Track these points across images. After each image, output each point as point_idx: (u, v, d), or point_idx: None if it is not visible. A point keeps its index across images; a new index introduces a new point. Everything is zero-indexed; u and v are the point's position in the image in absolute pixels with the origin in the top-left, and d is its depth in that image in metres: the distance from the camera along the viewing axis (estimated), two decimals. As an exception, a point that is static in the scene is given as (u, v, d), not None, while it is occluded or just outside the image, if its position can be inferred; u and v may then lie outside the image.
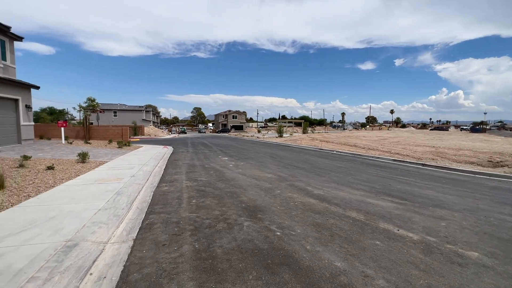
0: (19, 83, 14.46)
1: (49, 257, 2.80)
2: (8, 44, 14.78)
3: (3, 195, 4.99)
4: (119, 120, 53.83)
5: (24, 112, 14.81)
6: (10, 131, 13.86)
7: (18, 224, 3.69)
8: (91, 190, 5.74)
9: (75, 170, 8.02)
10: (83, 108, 24.12)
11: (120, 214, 4.36)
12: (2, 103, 13.29)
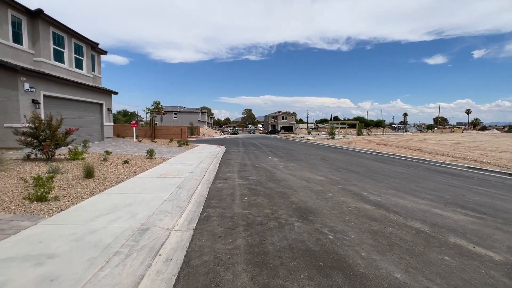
0: (104, 90, 17.19)
1: (128, 236, 3.30)
2: (96, 57, 17.71)
3: (93, 183, 6.04)
4: (178, 121, 59.15)
5: (107, 114, 17.53)
6: (96, 130, 16.58)
7: (106, 207, 4.44)
8: (157, 183, 6.50)
9: (144, 165, 9.16)
10: (150, 111, 27.31)
11: (182, 206, 4.84)
12: (91, 106, 15.99)
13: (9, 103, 10.30)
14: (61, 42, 13.68)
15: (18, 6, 11.10)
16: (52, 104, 12.23)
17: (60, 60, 13.56)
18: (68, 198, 4.85)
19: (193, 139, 30.63)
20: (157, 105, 26.82)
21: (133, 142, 18.12)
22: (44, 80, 11.73)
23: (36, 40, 12.13)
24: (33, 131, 7.89)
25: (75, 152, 8.79)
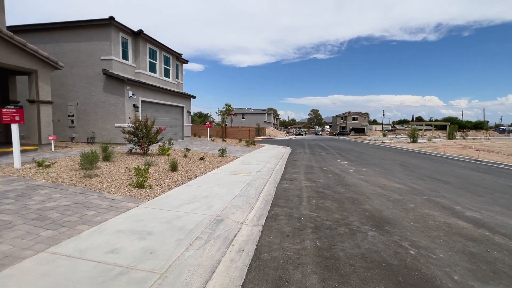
0: (185, 94, 19.55)
1: (206, 225, 3.69)
2: (180, 66, 20.28)
3: (177, 176, 6.97)
4: (246, 122, 62.17)
5: (186, 116, 19.87)
6: (178, 130, 19.00)
7: (187, 197, 5.06)
8: (228, 179, 7.01)
9: (217, 162, 10.01)
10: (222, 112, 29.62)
11: (251, 202, 5.10)
12: (175, 109, 18.41)
13: (118, 108, 12.85)
14: (155, 55, 16.25)
15: (126, 29, 13.72)
16: (147, 107, 14.65)
17: (153, 71, 16.12)
18: (159, 187, 5.74)
19: (259, 140, 31.72)
20: (228, 107, 28.88)
21: (207, 141, 20.00)
22: (142, 88, 14.16)
23: (137, 55, 14.75)
24: (134, 130, 9.63)
25: (163, 149, 10.31)
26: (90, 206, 4.20)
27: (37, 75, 9.21)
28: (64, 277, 2.31)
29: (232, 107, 30.39)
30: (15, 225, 3.30)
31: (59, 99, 12.76)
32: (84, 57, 12.91)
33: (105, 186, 5.30)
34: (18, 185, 4.83)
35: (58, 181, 5.30)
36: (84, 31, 12.85)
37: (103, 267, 2.49)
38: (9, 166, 6.10)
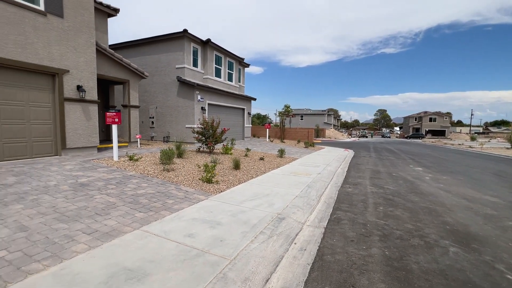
0: (246, 97, 20.46)
1: (269, 222, 3.85)
2: (242, 70, 21.33)
3: (240, 174, 7.40)
4: (305, 123, 61.06)
5: (247, 117, 20.76)
6: (239, 130, 20.01)
7: (250, 194, 5.35)
8: (288, 180, 7.08)
9: (276, 162, 10.19)
10: (280, 114, 29.85)
11: (312, 204, 5.06)
12: (236, 111, 19.45)
13: (188, 110, 14.36)
14: (220, 61, 17.54)
15: (197, 39, 15.23)
16: (212, 110, 15.93)
17: (218, 76, 17.42)
18: (224, 183, 6.21)
19: (319, 141, 30.75)
20: (286, 108, 28.96)
21: (266, 142, 20.48)
22: (209, 92, 15.47)
23: (205, 62, 16.19)
24: (202, 130, 10.61)
25: (226, 148, 11.06)
26: (169, 195, 4.86)
27: (129, 84, 11.05)
28: (154, 251, 2.77)
29: (291, 108, 30.34)
30: (118, 206, 4.08)
31: (142, 104, 15.00)
32: (162, 67, 14.87)
33: (180, 179, 6.03)
34: (117, 174, 5.93)
35: (145, 173, 6.28)
36: (163, 44, 14.80)
37: (183, 248, 2.88)
38: (110, 159, 7.51)
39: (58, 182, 4.97)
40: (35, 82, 7.11)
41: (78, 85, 7.95)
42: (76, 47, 7.90)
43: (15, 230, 3.06)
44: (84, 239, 2.97)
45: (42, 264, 2.45)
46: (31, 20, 6.81)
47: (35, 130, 7.19)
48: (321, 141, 32.88)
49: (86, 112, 8.27)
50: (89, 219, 3.51)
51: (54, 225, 3.27)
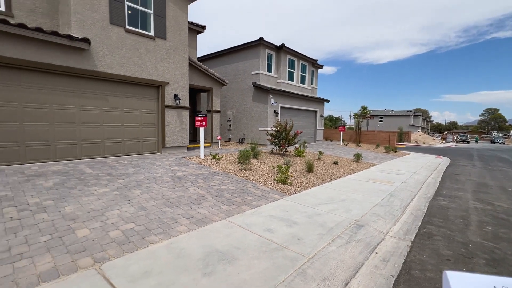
0: (318, 99, 19.99)
1: (346, 227, 3.75)
2: (315, 72, 20.95)
3: (313, 177, 7.36)
4: (384, 125, 54.98)
5: (319, 119, 20.24)
6: (310, 133, 19.70)
7: (324, 198, 5.29)
8: (366, 186, 6.62)
9: (352, 167, 9.63)
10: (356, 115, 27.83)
11: (395, 214, 4.62)
12: (308, 113, 19.22)
13: (262, 114, 15.07)
14: (293, 65, 17.73)
15: (271, 45, 15.85)
16: (284, 112, 16.23)
17: (291, 79, 17.64)
18: (298, 185, 6.31)
19: (402, 146, 27.24)
20: (363, 110, 26.83)
21: (340, 145, 19.48)
22: (281, 95, 15.85)
23: (278, 66, 16.67)
24: (276, 133, 10.99)
25: (298, 151, 11.11)
26: (248, 192, 5.29)
27: (213, 91, 12.43)
28: (239, 240, 3.12)
29: (368, 109, 27.94)
30: (207, 198, 4.73)
31: (222, 108, 16.55)
32: (240, 74, 16.09)
33: (256, 178, 6.46)
34: (204, 171, 6.81)
35: (226, 171, 6.99)
36: (241, 53, 16.01)
37: (263, 241, 3.14)
38: (197, 157, 8.66)
39: (161, 175, 6.09)
40: (145, 93, 8.87)
41: (175, 94, 9.47)
42: (174, 63, 9.44)
43: (138, 209, 3.96)
44: (184, 222, 3.60)
45: (158, 237, 3.12)
46: (144, 44, 8.54)
47: (145, 132, 8.95)
48: (405, 146, 28.99)
49: (180, 117, 9.77)
50: (187, 207, 4.20)
51: (162, 208, 4.06)
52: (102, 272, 2.36)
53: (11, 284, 2.14)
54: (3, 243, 2.73)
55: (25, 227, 3.10)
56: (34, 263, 2.43)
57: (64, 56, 6.79)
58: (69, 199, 4.11)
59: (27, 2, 7.25)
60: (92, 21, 7.27)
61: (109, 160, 7.45)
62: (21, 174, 5.36)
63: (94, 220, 3.43)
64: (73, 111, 7.21)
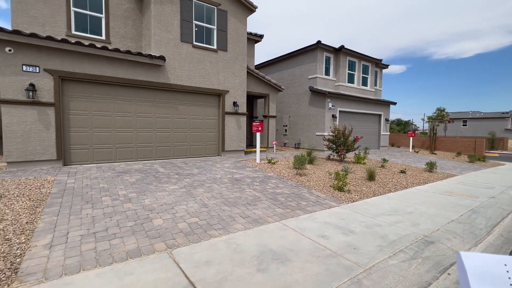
0: (383, 101, 18.38)
1: (411, 241, 3.40)
2: (378, 72, 19.38)
3: (374, 185, 6.83)
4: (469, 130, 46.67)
5: (384, 124, 18.56)
6: (373, 138, 18.21)
7: (387, 208, 4.88)
8: (439, 200, 5.81)
9: (423, 177, 8.54)
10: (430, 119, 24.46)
11: (478, 234, 3.95)
12: (371, 117, 17.84)
13: (319, 118, 14.69)
14: (353, 66, 16.81)
15: (329, 48, 15.40)
16: (343, 117, 15.46)
17: (351, 81, 16.73)
18: (357, 193, 5.96)
19: (495, 155, 22.65)
20: (440, 112, 23.43)
21: (409, 152, 17.43)
22: (340, 99, 15.18)
23: (337, 69, 16.04)
24: (333, 138, 10.58)
25: (358, 157, 10.44)
26: (302, 197, 5.27)
27: (269, 97, 12.77)
28: (293, 243, 3.17)
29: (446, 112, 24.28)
30: (262, 200, 4.91)
31: (278, 113, 16.78)
32: (296, 79, 16.09)
33: (311, 184, 6.37)
34: (260, 174, 7.06)
35: (281, 175, 7.09)
36: (297, 58, 16.02)
37: (317, 246, 3.11)
38: (253, 161, 9.01)
39: (221, 176, 6.58)
40: (208, 101, 9.73)
41: (234, 102, 10.10)
42: (234, 72, 10.11)
43: (201, 205, 4.40)
44: (241, 221, 3.84)
45: (217, 232, 3.42)
46: (208, 57, 9.41)
47: (207, 136, 9.79)
48: (498, 154, 24.02)
49: (238, 122, 10.35)
50: (243, 207, 4.46)
51: (222, 206, 4.41)
52: (172, 256, 2.74)
53: (108, 256, 2.69)
54: (102, 224, 3.42)
55: (117, 213, 3.81)
56: (124, 242, 2.99)
57: (145, 72, 8.04)
58: (147, 193, 4.85)
59: (120, 31, 8.86)
60: (166, 41, 8.43)
61: (178, 161, 8.41)
62: (113, 170, 6.54)
63: (166, 212, 3.97)
64: (150, 119, 8.43)
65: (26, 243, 2.83)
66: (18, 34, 6.10)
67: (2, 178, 5.14)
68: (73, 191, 4.70)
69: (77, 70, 7.00)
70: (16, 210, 3.63)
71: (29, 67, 6.43)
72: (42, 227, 3.24)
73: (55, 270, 2.39)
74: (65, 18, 7.85)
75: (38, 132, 6.55)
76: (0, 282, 2.18)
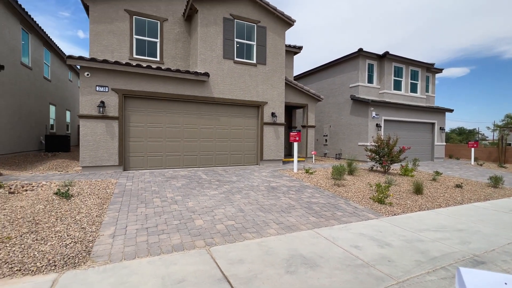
0: (436, 108, 16.79)
1: (457, 259, 3.14)
2: (431, 78, 17.86)
3: (421, 199, 6.33)
4: (553, 140, 39.08)
5: (438, 133, 16.86)
6: (425, 149, 16.64)
7: (432, 224, 4.52)
8: (501, 218, 5.13)
9: (484, 193, 7.58)
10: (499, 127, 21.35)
11: (546, 258, 3.43)
12: (422, 126, 16.40)
13: (361, 128, 14.09)
14: (400, 73, 15.83)
15: (372, 55, 14.84)
16: (389, 126, 14.55)
17: (397, 88, 15.74)
18: (399, 206, 5.62)
19: None
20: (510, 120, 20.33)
21: (470, 165, 15.45)
22: (385, 107, 14.36)
23: (381, 76, 15.28)
24: (376, 148, 10.07)
25: (405, 169, 9.71)
26: (338, 208, 5.20)
27: (307, 107, 12.79)
28: (323, 250, 3.22)
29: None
30: (296, 208, 5.01)
31: (317, 123, 16.56)
32: (336, 88, 15.79)
33: (349, 195, 6.21)
34: (296, 183, 7.13)
35: (318, 185, 7.05)
36: (337, 67, 15.76)
37: (348, 255, 3.11)
38: (291, 170, 9.09)
39: (258, 184, 6.84)
40: (247, 112, 10.21)
41: (272, 112, 10.41)
42: (272, 84, 10.47)
43: (237, 210, 4.69)
44: (274, 227, 4.01)
45: (251, 235, 3.65)
46: (248, 71, 9.97)
47: (246, 146, 10.22)
48: None
49: (276, 133, 10.59)
50: (277, 214, 4.62)
51: (257, 212, 4.64)
52: (210, 253, 3.04)
53: (157, 248, 3.12)
54: (153, 221, 3.94)
55: (165, 213, 4.32)
56: (170, 237, 3.41)
57: (192, 87, 8.89)
58: (191, 196, 5.35)
59: (171, 52, 10.00)
60: (211, 59, 9.23)
61: (218, 169, 8.96)
62: (163, 176, 7.31)
63: (206, 215, 4.35)
64: (195, 129, 9.21)
65: (96, 232, 3.44)
66: (94, 61, 7.41)
67: (78, 180, 6.20)
68: (130, 192, 5.44)
69: (136, 88, 8.12)
70: (88, 206, 4.40)
71: (101, 87, 7.70)
72: (107, 220, 3.88)
73: (117, 255, 2.89)
74: (129, 45, 9.22)
75: (105, 142, 7.72)
76: (79, 260, 2.73)
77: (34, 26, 11.43)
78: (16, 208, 3.97)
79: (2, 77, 9.29)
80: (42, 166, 8.34)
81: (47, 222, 3.58)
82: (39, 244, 2.98)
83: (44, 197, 4.56)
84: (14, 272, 2.45)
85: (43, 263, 2.61)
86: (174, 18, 10.00)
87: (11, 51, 9.87)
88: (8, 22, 9.72)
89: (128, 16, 9.19)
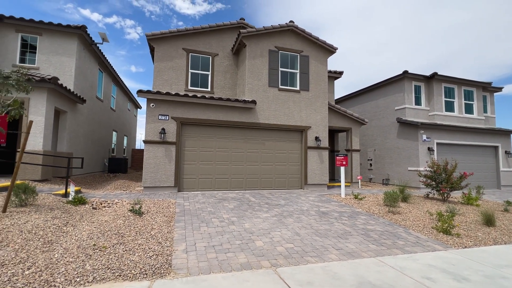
0: (498, 130, 15.14)
1: (557, 303, 2.77)
2: (489, 97, 16.40)
3: (495, 232, 5.67)
4: None
5: (504, 158, 15.03)
6: (489, 176, 14.83)
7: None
8: None
9: None
10: None
11: None
12: (483, 150, 14.81)
13: (411, 152, 13.26)
14: (451, 93, 14.86)
15: (418, 76, 14.30)
16: (443, 150, 13.45)
17: (450, 110, 14.70)
18: (469, 238, 5.11)
19: None
20: None
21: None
22: (437, 130, 13.43)
23: (431, 98, 14.50)
24: (432, 174, 9.36)
25: (468, 197, 8.79)
26: (398, 236, 4.94)
27: (351, 131, 12.59)
28: (392, 279, 3.11)
29: None
30: (352, 234, 4.89)
31: (361, 147, 16.01)
32: (380, 111, 15.34)
33: (408, 224, 5.84)
34: (347, 209, 6.94)
35: (370, 211, 6.77)
36: (381, 90, 15.44)
37: (421, 286, 2.95)
38: (338, 195, 8.86)
39: (307, 208, 6.82)
40: (291, 137, 10.45)
41: (316, 136, 10.49)
42: (316, 109, 10.67)
43: (293, 233, 4.76)
44: (334, 252, 3.98)
45: (313, 259, 3.68)
46: (292, 97, 10.37)
47: (290, 169, 10.32)
48: None
49: (320, 157, 10.56)
50: (334, 239, 4.57)
51: (313, 236, 4.65)
52: (277, 273, 3.16)
53: (227, 265, 3.34)
54: (217, 240, 4.21)
55: (225, 233, 4.59)
56: (236, 255, 3.62)
57: (239, 114, 9.51)
58: (245, 218, 5.57)
59: (221, 82, 10.94)
60: (257, 87, 9.87)
61: (264, 192, 9.15)
62: (214, 197, 7.73)
63: (264, 236, 4.50)
64: (242, 153, 9.67)
65: (171, 247, 3.81)
66: (159, 94, 8.50)
67: (143, 198, 6.90)
68: (190, 212, 5.88)
69: (191, 116, 8.99)
70: (158, 223, 4.88)
71: (162, 116, 8.71)
72: (177, 236, 4.26)
73: (194, 269, 3.17)
74: (185, 78, 10.38)
75: (164, 164, 8.54)
76: (164, 270, 3.07)
77: (108, 66, 13.60)
78: (102, 222, 4.60)
79: (83, 109, 11.07)
80: (109, 185, 9.43)
81: (129, 236, 4.08)
82: (129, 254, 3.42)
83: (121, 213, 5.19)
84: (116, 277, 2.85)
85: (136, 271, 2.99)
86: (224, 53, 11.07)
87: (90, 87, 11.79)
88: (90, 65, 11.74)
89: (185, 53, 10.46)
